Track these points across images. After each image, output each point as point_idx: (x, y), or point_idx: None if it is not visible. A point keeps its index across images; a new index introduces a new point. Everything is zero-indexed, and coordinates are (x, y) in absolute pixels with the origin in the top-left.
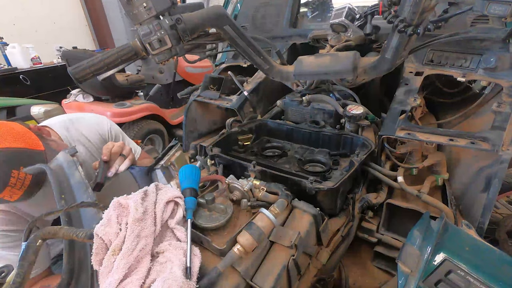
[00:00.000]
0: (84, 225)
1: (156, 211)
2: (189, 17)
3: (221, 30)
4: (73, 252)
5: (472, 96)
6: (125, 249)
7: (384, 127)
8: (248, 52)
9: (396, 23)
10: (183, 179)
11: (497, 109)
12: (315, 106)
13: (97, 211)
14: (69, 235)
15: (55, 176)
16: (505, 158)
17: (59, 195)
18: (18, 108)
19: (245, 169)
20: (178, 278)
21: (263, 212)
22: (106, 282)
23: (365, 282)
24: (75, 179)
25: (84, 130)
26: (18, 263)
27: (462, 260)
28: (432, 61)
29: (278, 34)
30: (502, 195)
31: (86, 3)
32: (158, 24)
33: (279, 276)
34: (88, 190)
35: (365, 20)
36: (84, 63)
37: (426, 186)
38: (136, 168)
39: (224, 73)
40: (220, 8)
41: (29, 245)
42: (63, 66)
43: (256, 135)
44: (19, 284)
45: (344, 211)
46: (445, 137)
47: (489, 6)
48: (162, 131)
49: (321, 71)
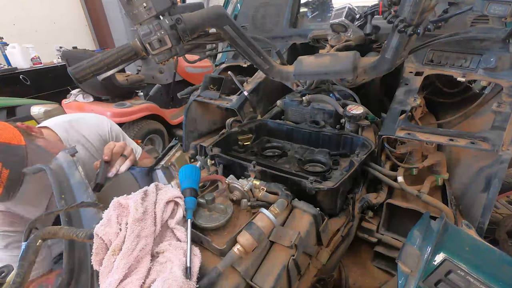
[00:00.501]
0: (84, 225)
1: (156, 211)
2: (189, 17)
3: (221, 30)
4: (73, 252)
5: (472, 96)
6: (125, 249)
7: (384, 127)
8: (248, 52)
9: (396, 23)
10: (183, 179)
11: (497, 109)
12: (315, 106)
13: (97, 211)
14: (69, 235)
15: (55, 176)
16: (505, 158)
17: (59, 195)
18: (18, 108)
19: (245, 169)
20: (178, 278)
21: (263, 212)
22: (106, 282)
23: (365, 282)
24: (75, 179)
25: (84, 131)
26: (18, 263)
27: (462, 260)
28: (432, 61)
29: (278, 34)
30: (502, 195)
31: (86, 3)
32: (158, 24)
33: (279, 276)
34: (88, 190)
35: (365, 20)
36: (84, 63)
37: (426, 186)
38: (137, 169)
39: (224, 73)
40: (220, 8)
41: (29, 245)
42: (63, 66)
43: (256, 135)
44: (19, 284)
45: (344, 211)
46: (445, 137)
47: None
48: (162, 131)
49: (321, 71)
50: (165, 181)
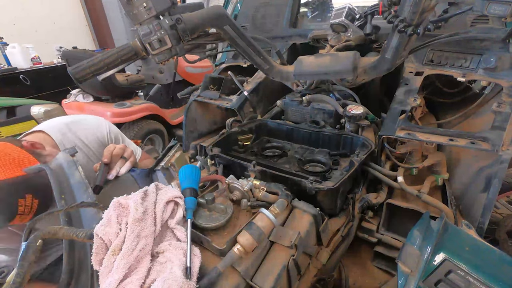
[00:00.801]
0: (84, 225)
1: (156, 211)
2: (189, 17)
3: (221, 30)
4: (73, 252)
5: (472, 96)
6: (125, 249)
7: (384, 127)
8: (248, 52)
9: (396, 23)
10: (183, 179)
11: (497, 109)
12: (315, 106)
13: (97, 211)
14: (69, 235)
15: (55, 176)
16: (505, 158)
17: (59, 195)
18: (18, 108)
19: (245, 169)
20: (178, 278)
21: (263, 212)
22: (106, 282)
23: (365, 282)
24: (75, 179)
25: (81, 134)
26: (18, 263)
27: (462, 260)
28: (432, 61)
29: (278, 34)
30: (502, 195)
31: (86, 3)
32: (158, 24)
33: (279, 276)
34: (88, 190)
35: (365, 20)
36: (84, 63)
37: (426, 186)
38: (137, 170)
39: (224, 73)
40: (220, 8)
41: (29, 245)
42: (63, 66)
43: (256, 135)
44: (19, 284)
45: (344, 211)
46: (445, 137)
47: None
48: (162, 131)
49: (321, 71)
50: (165, 182)
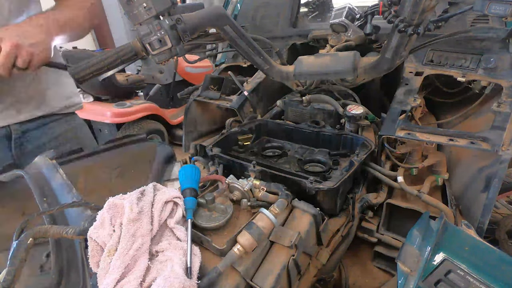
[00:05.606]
0: (70, 225)
1: (153, 210)
2: (189, 17)
3: (221, 30)
4: (61, 251)
5: (472, 96)
6: (121, 249)
7: (384, 127)
8: (248, 52)
9: (396, 23)
10: (183, 179)
11: (497, 109)
12: (315, 106)
13: (83, 209)
14: (59, 233)
15: (34, 181)
16: (505, 158)
17: (41, 198)
18: None
19: (245, 169)
20: (180, 276)
21: (263, 212)
22: (103, 283)
23: (365, 282)
24: (57, 181)
25: None
26: (8, 261)
27: (462, 260)
28: (432, 61)
29: (278, 34)
30: (502, 195)
31: None
32: (158, 24)
33: (279, 276)
34: (72, 190)
35: (365, 20)
36: (84, 63)
37: (426, 186)
38: None
39: (224, 73)
40: (220, 8)
41: (20, 242)
42: None
43: (256, 135)
44: (10, 282)
45: (344, 211)
46: (445, 137)
47: (489, 6)
48: (162, 131)
49: (321, 71)
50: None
